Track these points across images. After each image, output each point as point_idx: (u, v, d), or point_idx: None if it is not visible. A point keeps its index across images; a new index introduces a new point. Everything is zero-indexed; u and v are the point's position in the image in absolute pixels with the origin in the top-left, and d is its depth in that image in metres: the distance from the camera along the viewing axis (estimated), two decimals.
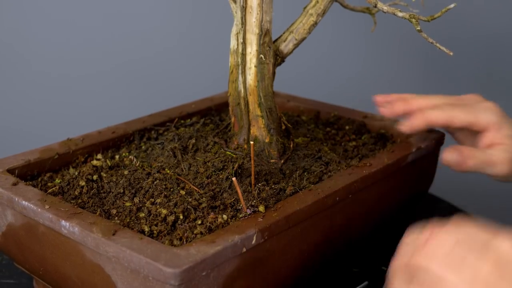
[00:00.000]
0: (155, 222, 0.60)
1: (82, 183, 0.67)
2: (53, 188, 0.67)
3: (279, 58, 0.74)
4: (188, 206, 0.62)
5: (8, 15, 1.27)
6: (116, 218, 0.61)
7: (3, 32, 1.28)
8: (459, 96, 0.79)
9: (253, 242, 0.57)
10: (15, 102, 1.34)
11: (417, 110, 0.76)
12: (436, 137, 0.81)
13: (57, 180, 0.69)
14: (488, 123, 0.75)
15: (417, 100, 0.78)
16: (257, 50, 0.71)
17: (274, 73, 0.74)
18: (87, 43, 1.31)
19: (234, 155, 0.70)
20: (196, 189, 0.65)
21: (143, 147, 0.78)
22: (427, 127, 0.77)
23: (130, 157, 0.74)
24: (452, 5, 0.64)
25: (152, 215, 0.61)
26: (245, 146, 0.73)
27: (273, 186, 0.66)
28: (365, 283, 0.73)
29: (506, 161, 0.74)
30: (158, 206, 0.62)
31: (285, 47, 0.74)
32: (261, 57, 0.71)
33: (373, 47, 1.30)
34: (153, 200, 0.64)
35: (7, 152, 0.73)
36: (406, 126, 0.76)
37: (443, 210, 0.94)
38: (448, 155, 0.74)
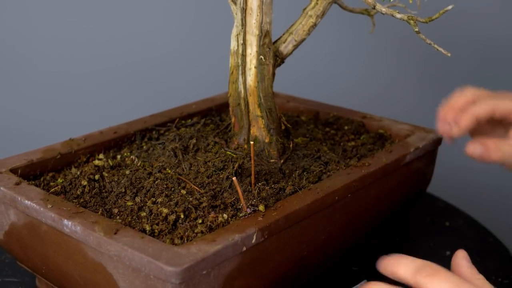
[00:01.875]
0: (156, 221, 0.60)
1: (84, 182, 0.67)
2: (56, 188, 0.67)
3: (278, 59, 0.75)
4: (189, 206, 0.62)
5: (10, 15, 1.27)
6: (118, 217, 0.62)
7: (5, 33, 1.29)
8: (486, 91, 0.79)
9: (253, 241, 0.57)
10: (18, 103, 1.34)
11: (460, 111, 0.76)
12: (434, 138, 0.81)
13: (60, 180, 0.70)
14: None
15: (455, 100, 0.77)
16: (257, 51, 0.71)
17: (274, 74, 0.74)
18: (89, 43, 1.31)
19: (234, 155, 0.71)
20: (197, 188, 0.66)
21: (144, 147, 0.78)
22: (475, 124, 0.76)
23: (131, 157, 0.74)
24: (450, 7, 0.64)
25: (153, 214, 0.61)
26: (245, 146, 0.73)
27: (273, 185, 0.66)
28: (364, 281, 0.74)
29: None
30: (159, 206, 0.63)
31: (284, 48, 0.75)
32: (261, 58, 0.72)
33: (372, 48, 1.31)
34: (154, 199, 0.64)
35: (10, 152, 0.74)
36: (457, 130, 0.76)
37: (440, 209, 0.94)
38: (472, 147, 0.72)
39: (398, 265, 0.55)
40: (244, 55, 0.72)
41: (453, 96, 0.77)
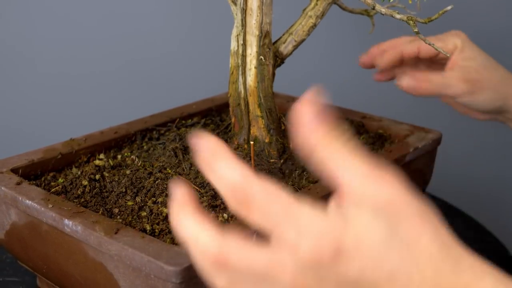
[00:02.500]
0: (157, 221, 0.60)
1: (85, 182, 0.67)
2: (56, 188, 0.67)
3: (278, 59, 0.75)
4: None
5: (10, 15, 1.28)
6: (118, 217, 0.62)
7: (6, 33, 1.29)
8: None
9: (254, 240, 0.57)
10: (18, 103, 1.34)
11: (391, 47, 0.79)
12: (433, 137, 0.81)
13: (60, 180, 0.70)
14: (453, 47, 0.77)
15: (390, 41, 0.80)
16: (257, 52, 0.72)
17: (274, 74, 0.74)
18: (89, 43, 1.32)
19: None
20: (197, 188, 0.66)
21: (144, 147, 0.78)
22: (400, 60, 0.79)
23: (132, 157, 0.75)
24: (449, 7, 0.64)
25: (153, 214, 0.62)
26: (245, 146, 0.73)
27: None
28: None
29: (461, 80, 0.75)
30: (159, 205, 0.63)
31: (284, 48, 0.75)
32: (261, 59, 0.72)
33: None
34: (154, 199, 0.64)
35: (11, 152, 0.74)
36: (380, 61, 0.79)
37: (439, 209, 0.94)
38: (403, 80, 0.74)
39: None
40: (244, 56, 0.72)
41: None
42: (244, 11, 0.70)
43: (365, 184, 0.38)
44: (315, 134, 0.38)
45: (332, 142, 0.38)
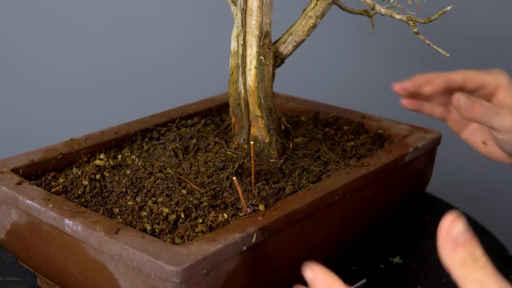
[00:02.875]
0: (157, 221, 0.61)
1: (85, 182, 0.68)
2: (57, 188, 0.67)
3: (278, 59, 0.75)
4: (189, 205, 0.62)
5: (11, 15, 1.28)
6: (119, 216, 0.62)
7: (6, 33, 1.29)
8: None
9: (253, 240, 0.57)
10: (19, 103, 1.34)
11: (437, 76, 0.78)
12: (433, 137, 0.82)
13: (61, 180, 0.70)
14: (499, 84, 0.77)
15: (433, 73, 0.80)
16: (257, 52, 0.72)
17: (273, 74, 0.74)
18: (90, 44, 1.32)
19: (234, 155, 0.71)
20: (197, 188, 0.66)
21: (145, 147, 0.78)
22: (447, 88, 0.78)
23: (132, 156, 0.75)
24: (449, 8, 0.64)
25: (154, 214, 0.62)
26: (245, 146, 0.73)
27: (272, 185, 0.66)
28: (363, 280, 0.74)
29: (511, 114, 0.74)
30: (159, 205, 0.63)
31: (284, 48, 0.75)
32: (261, 59, 0.72)
33: (371, 49, 1.31)
34: (155, 199, 0.64)
35: (12, 152, 0.74)
36: (428, 88, 0.78)
37: (439, 209, 0.94)
38: (459, 96, 0.73)
39: None
40: (244, 56, 0.72)
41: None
42: (244, 11, 0.71)
43: None
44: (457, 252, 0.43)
45: (471, 265, 0.43)
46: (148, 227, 0.60)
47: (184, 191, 0.65)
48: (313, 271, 0.48)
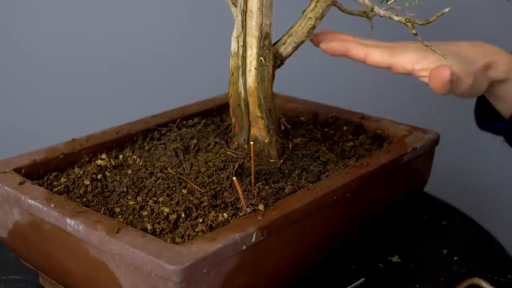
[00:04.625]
0: (158, 220, 0.61)
1: (87, 182, 0.68)
2: (59, 187, 0.68)
3: (278, 60, 0.75)
4: (190, 205, 0.62)
5: (13, 14, 1.28)
6: (120, 216, 0.62)
7: (7, 32, 1.29)
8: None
9: (253, 240, 0.58)
10: (21, 103, 1.35)
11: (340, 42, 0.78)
12: (431, 138, 0.82)
13: (63, 179, 0.70)
14: (405, 63, 0.77)
15: (345, 34, 0.80)
16: (257, 53, 0.72)
17: (273, 75, 0.75)
18: (90, 44, 1.32)
19: (234, 155, 0.71)
20: (198, 188, 0.66)
21: (146, 147, 0.78)
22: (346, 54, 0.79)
23: (133, 157, 0.75)
24: (447, 9, 0.64)
25: (154, 213, 0.62)
26: (245, 146, 0.74)
27: (272, 185, 0.67)
28: (362, 279, 0.75)
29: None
30: (160, 205, 0.63)
31: (284, 50, 0.75)
32: (261, 60, 0.72)
33: None
34: (155, 199, 0.65)
35: (14, 152, 0.74)
36: (325, 45, 0.78)
37: (438, 209, 0.95)
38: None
39: None
40: (244, 57, 0.72)
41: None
42: (244, 12, 0.71)
43: None
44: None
45: None
46: (149, 227, 0.60)
47: (184, 191, 0.65)
48: None
